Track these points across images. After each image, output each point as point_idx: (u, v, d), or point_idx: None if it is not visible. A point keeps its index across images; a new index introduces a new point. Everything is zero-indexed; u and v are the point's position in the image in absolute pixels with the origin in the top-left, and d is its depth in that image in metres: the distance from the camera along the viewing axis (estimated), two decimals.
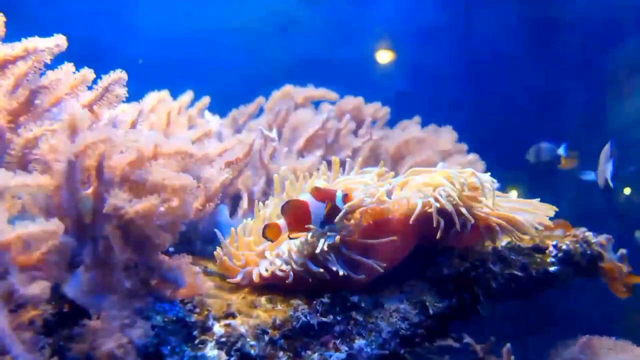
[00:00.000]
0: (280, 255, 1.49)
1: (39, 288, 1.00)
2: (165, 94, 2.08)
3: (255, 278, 1.46)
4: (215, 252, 1.60)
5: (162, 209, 1.15)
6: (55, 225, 1.05)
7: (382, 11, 3.95)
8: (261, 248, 1.55)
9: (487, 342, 2.11)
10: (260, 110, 2.61)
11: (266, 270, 1.45)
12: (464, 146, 2.60)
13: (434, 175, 1.58)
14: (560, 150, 2.73)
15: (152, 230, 1.16)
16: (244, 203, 1.98)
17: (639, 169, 2.60)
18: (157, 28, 3.77)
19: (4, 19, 1.31)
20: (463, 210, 1.48)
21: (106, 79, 1.39)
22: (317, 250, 1.39)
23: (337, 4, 3.98)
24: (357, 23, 3.94)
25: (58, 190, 1.14)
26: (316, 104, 2.66)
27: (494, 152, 2.71)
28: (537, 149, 2.79)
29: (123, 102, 1.54)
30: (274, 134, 2.13)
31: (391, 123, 2.70)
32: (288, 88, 2.62)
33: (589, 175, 2.65)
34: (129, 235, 1.15)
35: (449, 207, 1.44)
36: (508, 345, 1.95)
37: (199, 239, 1.86)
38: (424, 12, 3.87)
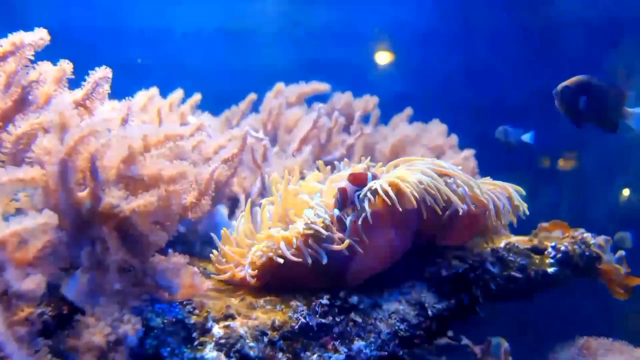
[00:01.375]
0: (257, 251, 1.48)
1: (34, 283, 1.00)
2: (154, 91, 2.07)
3: (236, 277, 1.46)
4: (211, 255, 1.61)
5: (156, 203, 1.14)
6: (47, 216, 1.04)
7: (381, 14, 3.95)
8: (249, 243, 1.55)
9: (485, 342, 2.11)
10: (254, 109, 2.62)
11: (249, 273, 1.45)
12: (454, 138, 2.58)
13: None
14: (526, 137, 2.75)
15: (148, 228, 1.15)
16: (242, 205, 1.99)
17: None
18: (155, 29, 3.77)
19: None
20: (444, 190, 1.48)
21: (94, 75, 1.39)
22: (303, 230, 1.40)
23: (336, 6, 3.98)
24: (356, 25, 3.94)
25: (55, 192, 1.14)
26: (310, 101, 2.66)
27: (493, 154, 2.71)
28: (505, 130, 2.81)
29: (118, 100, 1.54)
30: (260, 134, 2.14)
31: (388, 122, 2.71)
32: (280, 86, 2.63)
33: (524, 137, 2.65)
34: (125, 235, 1.15)
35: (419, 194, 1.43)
36: (506, 345, 1.95)
37: (197, 241, 1.86)
38: (422, 15, 3.87)
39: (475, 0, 3.87)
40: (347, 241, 1.41)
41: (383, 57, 4.02)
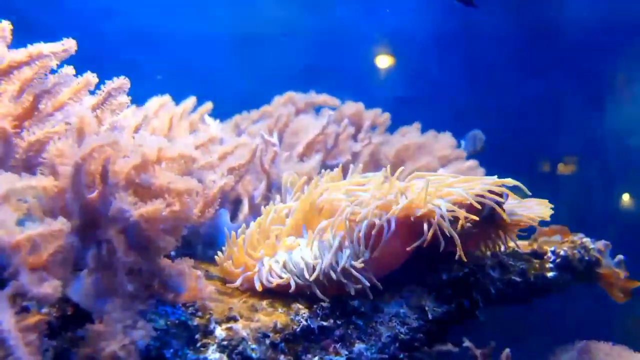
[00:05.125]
0: (280, 264, 1.49)
1: (51, 287, 1.01)
2: (166, 98, 2.09)
3: (258, 287, 1.47)
4: (216, 257, 1.62)
5: (165, 212, 1.17)
6: (61, 223, 1.06)
7: (382, 18, 3.97)
8: (260, 254, 1.56)
9: (486, 346, 2.12)
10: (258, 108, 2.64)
11: (269, 281, 1.46)
12: (463, 152, 2.61)
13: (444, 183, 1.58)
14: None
15: (156, 234, 1.17)
16: (245, 207, 2.00)
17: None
18: (158, 33, 3.79)
19: (10, 26, 1.33)
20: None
21: (109, 84, 1.40)
22: (340, 266, 1.42)
23: (338, 11, 4.00)
24: (358, 30, 3.96)
25: (63, 193, 1.16)
26: (317, 109, 2.68)
27: (492, 158, 2.73)
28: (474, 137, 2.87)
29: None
30: (274, 139, 2.15)
31: (391, 129, 2.72)
32: (290, 94, 2.65)
33: None
34: (133, 239, 1.17)
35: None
36: (507, 350, 1.96)
37: (200, 243, 1.87)
38: (424, 19, 3.89)
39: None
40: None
41: (384, 62, 4.04)
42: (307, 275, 1.43)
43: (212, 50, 3.89)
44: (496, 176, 1.61)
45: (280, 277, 1.45)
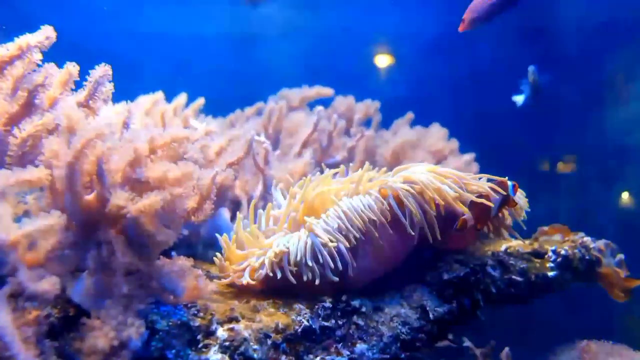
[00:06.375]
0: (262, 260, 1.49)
1: (49, 284, 1.01)
2: (159, 95, 2.08)
3: (228, 281, 1.49)
4: (214, 258, 1.61)
5: (162, 202, 1.15)
6: (56, 217, 1.06)
7: (382, 18, 3.97)
8: (245, 252, 1.56)
9: (486, 346, 2.12)
10: (258, 114, 2.63)
11: (248, 281, 1.47)
12: (455, 143, 2.58)
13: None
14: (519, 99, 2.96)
15: (156, 227, 1.16)
16: (244, 208, 2.00)
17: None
18: (156, 33, 3.78)
19: None
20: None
21: (94, 74, 1.39)
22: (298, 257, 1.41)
23: (337, 11, 4.00)
24: (358, 30, 3.96)
25: (62, 196, 1.15)
26: (313, 105, 2.67)
27: (492, 157, 2.73)
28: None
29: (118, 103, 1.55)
30: (262, 138, 2.15)
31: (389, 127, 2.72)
32: (284, 91, 2.64)
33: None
34: (132, 238, 1.16)
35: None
36: (507, 349, 1.96)
37: (200, 244, 1.87)
38: (424, 20, 3.89)
39: None
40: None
41: (384, 62, 4.04)
42: (274, 259, 1.42)
43: (212, 51, 3.89)
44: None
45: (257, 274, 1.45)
